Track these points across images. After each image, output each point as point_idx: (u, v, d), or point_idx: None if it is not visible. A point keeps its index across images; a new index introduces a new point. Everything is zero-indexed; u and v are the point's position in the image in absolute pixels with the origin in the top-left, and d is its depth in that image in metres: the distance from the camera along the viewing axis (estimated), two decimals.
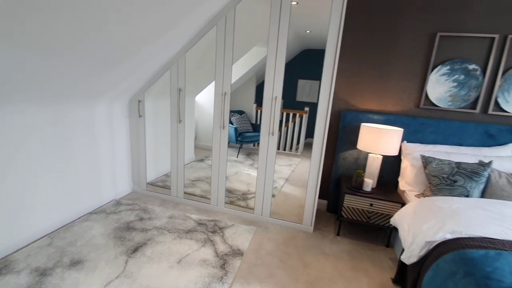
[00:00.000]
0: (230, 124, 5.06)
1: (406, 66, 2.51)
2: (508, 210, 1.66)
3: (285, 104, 7.22)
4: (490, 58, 2.28)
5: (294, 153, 5.65)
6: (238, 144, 5.14)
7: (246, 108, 5.98)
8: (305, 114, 5.51)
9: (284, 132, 5.75)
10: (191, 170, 3.92)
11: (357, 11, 2.55)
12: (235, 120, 5.36)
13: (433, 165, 2.11)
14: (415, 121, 2.48)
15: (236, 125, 5.28)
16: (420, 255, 1.56)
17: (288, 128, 5.67)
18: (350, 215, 2.39)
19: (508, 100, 2.30)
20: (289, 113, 5.63)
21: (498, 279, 1.12)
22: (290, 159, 5.24)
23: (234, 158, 4.90)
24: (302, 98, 7.04)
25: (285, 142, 5.77)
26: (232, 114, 5.36)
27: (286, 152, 5.71)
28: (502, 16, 2.22)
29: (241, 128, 5.34)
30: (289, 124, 5.59)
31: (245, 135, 5.07)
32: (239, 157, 5.01)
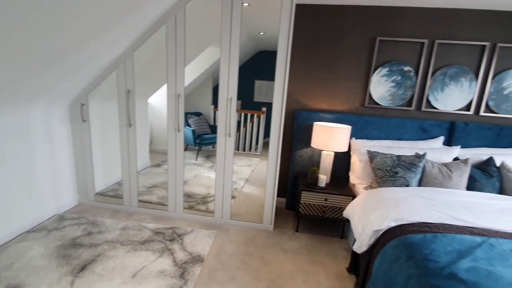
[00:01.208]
0: (188, 127, 4.92)
1: (352, 67, 2.69)
2: (440, 196, 1.87)
3: (243, 105, 7.25)
4: (421, 60, 2.55)
5: (254, 153, 5.70)
6: (197, 147, 5.02)
7: (204, 110, 5.86)
8: (263, 114, 5.59)
9: (243, 133, 5.77)
10: (147, 176, 3.72)
11: (306, 15, 2.65)
12: (193, 122, 5.23)
13: (378, 159, 2.29)
14: (361, 118, 2.67)
15: (194, 127, 5.15)
16: (369, 244, 1.68)
17: (246, 129, 5.70)
18: (307, 211, 2.48)
19: (437, 98, 2.60)
20: (247, 114, 5.65)
21: (435, 260, 1.25)
22: (250, 159, 5.27)
23: (193, 161, 4.77)
24: (259, 98, 7.14)
25: (244, 143, 5.80)
26: (189, 116, 5.21)
27: (245, 152, 5.74)
28: (430, 24, 2.50)
29: (199, 130, 5.22)
30: (248, 124, 5.62)
31: (203, 137, 4.97)
32: (198, 159, 4.89)
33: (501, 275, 1.13)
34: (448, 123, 2.58)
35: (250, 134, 5.73)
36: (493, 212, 1.70)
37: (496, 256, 1.27)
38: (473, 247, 1.33)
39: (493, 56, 2.46)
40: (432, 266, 1.22)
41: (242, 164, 4.89)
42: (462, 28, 2.47)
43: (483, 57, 2.48)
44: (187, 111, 5.64)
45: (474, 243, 1.36)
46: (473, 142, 2.55)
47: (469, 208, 1.72)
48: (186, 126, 4.90)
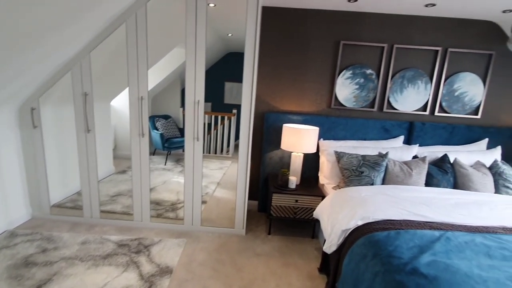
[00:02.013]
0: (155, 130, 4.72)
1: (318, 70, 2.75)
2: (402, 193, 1.97)
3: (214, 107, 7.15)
4: (382, 64, 2.67)
5: (225, 155, 5.62)
6: (166, 151, 4.84)
7: (172, 113, 5.68)
8: (234, 117, 5.55)
9: (214, 135, 5.67)
10: (111, 184, 3.50)
11: (274, 17, 2.66)
12: (161, 125, 5.03)
13: (344, 159, 2.36)
14: (328, 120, 2.74)
15: (162, 130, 4.96)
16: (338, 244, 1.71)
17: (217, 131, 5.61)
18: (278, 213, 2.49)
19: (397, 99, 2.74)
20: (218, 116, 5.57)
21: (398, 256, 1.30)
22: (222, 162, 5.20)
23: (162, 166, 4.59)
24: (230, 100, 7.08)
25: (216, 145, 5.70)
26: (157, 119, 5.01)
27: (217, 155, 5.65)
28: (389, 29, 2.63)
29: (167, 134, 5.04)
30: (218, 127, 5.54)
31: (172, 141, 4.80)
32: (168, 164, 4.72)
33: (458, 267, 1.20)
34: (407, 123, 2.74)
35: (221, 137, 5.66)
36: (449, 206, 1.82)
37: (453, 249, 1.35)
38: (432, 242, 1.40)
39: (444, 60, 2.66)
40: (396, 262, 1.26)
41: (214, 167, 4.80)
42: (417, 33, 2.63)
43: (436, 61, 2.66)
44: (155, 114, 5.43)
45: (433, 238, 1.44)
46: (430, 141, 2.73)
47: (427, 204, 1.82)
48: (153, 130, 4.70)
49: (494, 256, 1.31)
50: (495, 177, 2.32)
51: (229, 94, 7.09)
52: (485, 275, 1.16)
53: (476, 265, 1.23)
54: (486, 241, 1.44)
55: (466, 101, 2.73)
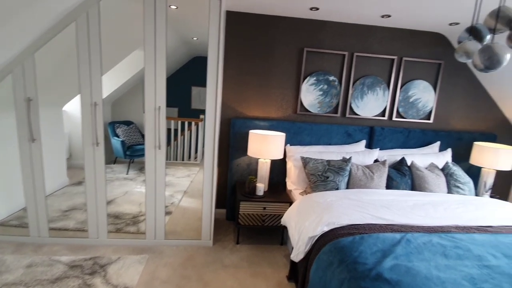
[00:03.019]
0: (116, 137, 4.43)
1: (284, 76, 2.77)
2: (365, 197, 2.02)
3: (181, 112, 6.92)
4: (343, 71, 2.76)
5: (193, 162, 5.45)
6: (128, 159, 4.55)
7: (135, 118, 5.38)
8: (201, 122, 5.41)
9: (180, 142, 5.48)
10: (64, 197, 3.19)
11: (239, 22, 2.63)
12: (122, 132, 4.73)
13: (310, 164, 2.38)
14: (294, 125, 2.76)
15: (123, 137, 4.66)
16: (306, 251, 1.70)
17: (184, 137, 5.42)
18: (246, 221, 2.43)
19: (358, 105, 2.85)
20: (184, 122, 5.39)
21: (363, 262, 1.31)
22: (189, 169, 5.02)
23: (123, 176, 4.31)
24: (197, 105, 6.91)
25: (183, 152, 5.51)
26: (118, 126, 4.70)
27: (184, 162, 5.45)
28: (349, 38, 2.73)
29: (129, 141, 4.75)
30: (185, 132, 5.36)
31: (135, 148, 4.53)
32: (130, 173, 4.45)
33: (418, 270, 1.23)
34: (368, 128, 2.86)
35: (189, 143, 5.48)
36: (407, 208, 1.90)
37: (413, 251, 1.40)
38: (393, 245, 1.44)
39: (400, 68, 2.82)
40: (361, 268, 1.27)
41: (181, 175, 4.62)
42: (375, 43, 2.77)
43: (392, 69, 2.82)
44: (116, 120, 5.10)
45: (394, 241, 1.48)
46: (389, 144, 2.86)
47: (388, 206, 1.89)
48: (114, 137, 4.41)
49: (450, 255, 1.38)
50: (447, 177, 2.50)
51: (197, 99, 6.92)
52: (443, 276, 1.20)
53: (434, 266, 1.28)
54: (442, 241, 1.51)
55: (420, 106, 2.92)
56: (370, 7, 2.25)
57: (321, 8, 2.35)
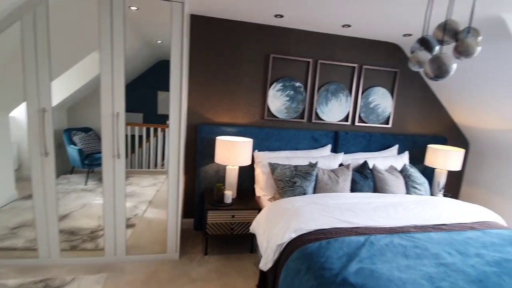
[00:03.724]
0: (72, 145, 4.10)
1: (251, 81, 2.76)
2: (331, 201, 2.06)
3: (146, 118, 6.63)
4: (309, 77, 2.83)
5: (160, 169, 5.22)
6: (86, 169, 4.23)
7: (94, 125, 5.03)
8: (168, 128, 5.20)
9: (146, 149, 5.23)
10: (12, 213, 2.87)
11: (205, 27, 2.59)
12: (79, 139, 4.40)
13: (278, 170, 2.38)
14: (262, 131, 2.75)
15: (81, 145, 4.33)
16: (274, 259, 1.67)
17: (150, 144, 5.18)
18: (215, 231, 2.36)
19: (323, 111, 2.93)
20: (150, 128, 5.15)
21: (329, 268, 1.31)
22: (155, 178, 4.81)
23: (81, 187, 3.99)
24: (164, 111, 6.66)
25: (149, 160, 5.26)
26: (74, 133, 4.36)
27: (150, 170, 5.20)
28: (313, 46, 2.81)
29: (88, 149, 4.43)
30: (151, 139, 5.13)
31: (94, 157, 4.23)
32: (89, 184, 4.13)
33: (381, 272, 1.27)
34: (333, 133, 2.94)
35: (155, 150, 5.25)
36: (370, 210, 1.97)
37: (376, 253, 1.44)
38: (358, 248, 1.47)
39: (360, 76, 2.96)
40: (327, 275, 1.27)
41: (146, 184, 4.40)
42: (337, 51, 2.87)
43: (353, 76, 2.94)
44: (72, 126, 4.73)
45: (359, 244, 1.51)
46: (352, 148, 2.98)
47: (353, 209, 1.94)
48: (70, 145, 4.07)
49: (410, 255, 1.44)
50: (405, 179, 2.65)
51: (163, 104, 6.67)
52: (404, 276, 1.25)
53: (396, 267, 1.33)
54: (402, 241, 1.58)
55: (379, 112, 3.08)
56: (331, 17, 2.33)
57: (285, 15, 2.38)
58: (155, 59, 6.08)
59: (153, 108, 6.60)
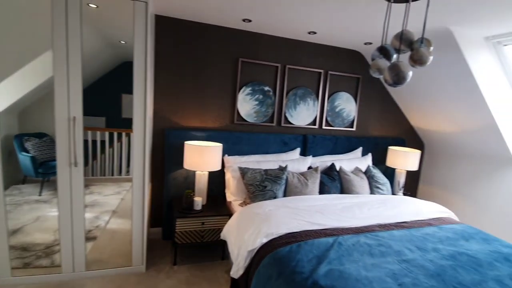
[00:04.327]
0: (24, 153, 3.73)
1: (220, 85, 2.73)
2: (301, 204, 2.09)
3: (109, 122, 6.25)
4: (277, 82, 2.87)
5: (125, 177, 4.94)
6: (41, 178, 3.88)
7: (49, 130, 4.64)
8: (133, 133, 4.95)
9: (109, 155, 4.92)
10: None
11: (173, 29, 2.52)
12: (32, 146, 4.01)
13: (249, 174, 2.37)
14: (232, 135, 2.73)
15: (34, 152, 3.96)
16: (245, 266, 1.65)
17: (114, 150, 4.89)
18: (184, 239, 2.27)
19: (292, 115, 2.98)
20: (113, 133, 4.86)
21: (300, 271, 1.32)
22: (120, 185, 4.53)
23: (35, 198, 3.63)
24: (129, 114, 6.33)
25: (112, 166, 4.96)
26: (26, 139, 3.98)
27: (114, 177, 4.90)
28: (281, 51, 2.85)
29: (42, 156, 4.05)
30: (115, 144, 4.84)
31: (49, 165, 3.88)
32: (44, 194, 3.78)
33: (349, 272, 1.30)
34: (302, 136, 3.01)
35: (119, 156, 4.96)
36: (338, 211, 2.03)
37: (344, 253, 1.48)
38: (327, 249, 1.50)
39: (326, 81, 3.06)
40: (298, 279, 1.27)
41: (109, 193, 4.13)
42: (305, 56, 2.95)
43: (320, 82, 3.04)
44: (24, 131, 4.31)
45: (328, 245, 1.54)
46: (320, 151, 3.06)
47: (322, 211, 1.99)
48: (21, 152, 3.70)
49: (375, 254, 1.50)
50: (369, 180, 2.78)
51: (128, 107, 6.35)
52: (370, 275, 1.29)
53: (362, 266, 1.37)
54: (368, 240, 1.64)
55: (344, 116, 3.21)
56: (297, 24, 2.39)
57: (253, 20, 2.39)
58: (118, 60, 5.77)
59: (117, 112, 6.25)
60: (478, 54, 2.37)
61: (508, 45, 2.31)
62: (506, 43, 2.29)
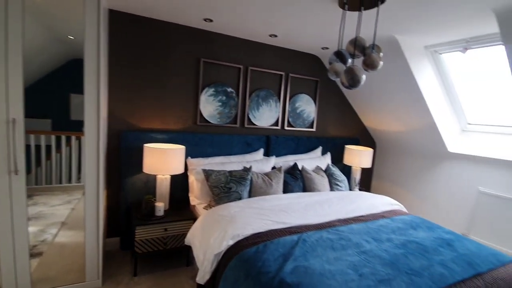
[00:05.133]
0: None
1: (182, 86, 2.65)
2: (266, 203, 2.12)
3: (56, 124, 5.68)
4: (240, 83, 2.88)
5: (76, 184, 4.53)
6: None
7: None
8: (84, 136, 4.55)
9: (57, 161, 4.47)
10: None
11: (130, 25, 2.38)
12: None
13: (213, 176, 2.34)
14: (195, 137, 2.66)
15: None
16: (212, 270, 1.62)
17: (62, 155, 4.45)
18: (145, 248, 2.15)
19: (255, 116, 3.01)
20: (61, 136, 4.43)
21: (266, 271, 1.33)
22: (69, 194, 4.15)
23: None
24: (78, 116, 5.82)
25: (60, 173, 4.51)
26: None
27: (62, 185, 4.46)
28: (244, 52, 2.87)
29: None
30: (63, 149, 4.41)
31: None
32: None
33: (314, 268, 1.35)
34: (265, 137, 3.05)
35: (68, 162, 4.52)
36: (301, 209, 2.10)
37: (308, 249, 1.53)
38: (292, 247, 1.54)
39: (287, 83, 3.15)
40: (265, 279, 1.29)
41: (57, 203, 3.77)
42: (267, 59, 3.00)
43: (281, 84, 3.12)
44: None
45: (293, 243, 1.58)
46: (283, 151, 3.14)
47: (286, 210, 2.03)
48: None
49: (337, 248, 1.58)
50: (329, 178, 2.92)
51: (77, 108, 5.85)
52: (333, 268, 1.36)
53: (326, 260, 1.43)
54: (330, 235, 1.72)
55: (305, 117, 3.34)
56: (259, 26, 2.42)
57: (215, 20, 2.37)
58: (67, 57, 5.29)
59: (65, 113, 5.71)
60: (420, 61, 2.64)
61: (443, 54, 2.62)
62: (441, 51, 2.59)
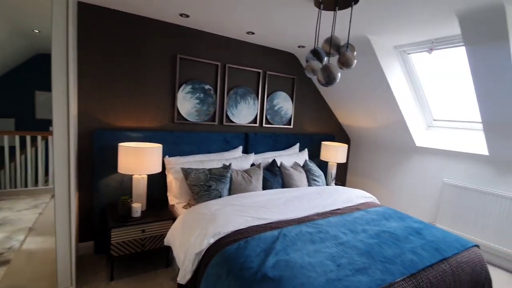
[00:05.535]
0: None
1: (158, 83, 2.58)
2: (246, 200, 2.13)
3: (19, 124, 5.31)
4: (218, 80, 2.85)
5: (43, 187, 4.28)
6: None
7: None
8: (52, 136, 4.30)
9: (22, 163, 4.18)
10: None
11: (101, 19, 2.27)
12: None
13: (192, 175, 2.31)
14: (173, 135, 2.61)
15: None
16: (193, 270, 1.60)
17: (27, 156, 4.17)
18: (122, 251, 2.08)
19: (234, 113, 3.01)
20: (26, 136, 4.15)
21: (249, 267, 1.34)
22: (36, 198, 3.93)
23: None
24: (44, 115, 5.50)
25: (25, 176, 4.23)
26: None
27: (28, 189, 4.19)
28: (221, 49, 2.84)
29: None
30: (28, 150, 4.13)
31: None
32: None
33: (295, 261, 1.38)
34: (243, 134, 3.06)
35: (34, 163, 4.26)
36: (281, 205, 2.14)
37: (288, 244, 1.56)
38: (273, 242, 1.56)
39: (265, 81, 3.18)
40: (247, 274, 1.30)
41: (23, 207, 3.56)
42: (244, 56, 3.00)
43: (259, 81, 3.13)
44: None
45: (273, 238, 1.61)
46: (261, 148, 3.16)
47: (266, 206, 2.06)
48: None
49: (316, 240, 1.63)
50: (306, 173, 2.99)
51: (43, 106, 5.51)
52: (313, 261, 1.40)
53: (306, 253, 1.48)
54: (309, 229, 1.77)
55: (282, 114, 3.38)
56: (236, 22, 2.41)
57: (191, 15, 2.33)
58: (32, 52, 4.96)
59: (30, 112, 5.36)
60: (390, 61, 2.77)
61: (411, 54, 2.77)
62: (409, 52, 2.74)
